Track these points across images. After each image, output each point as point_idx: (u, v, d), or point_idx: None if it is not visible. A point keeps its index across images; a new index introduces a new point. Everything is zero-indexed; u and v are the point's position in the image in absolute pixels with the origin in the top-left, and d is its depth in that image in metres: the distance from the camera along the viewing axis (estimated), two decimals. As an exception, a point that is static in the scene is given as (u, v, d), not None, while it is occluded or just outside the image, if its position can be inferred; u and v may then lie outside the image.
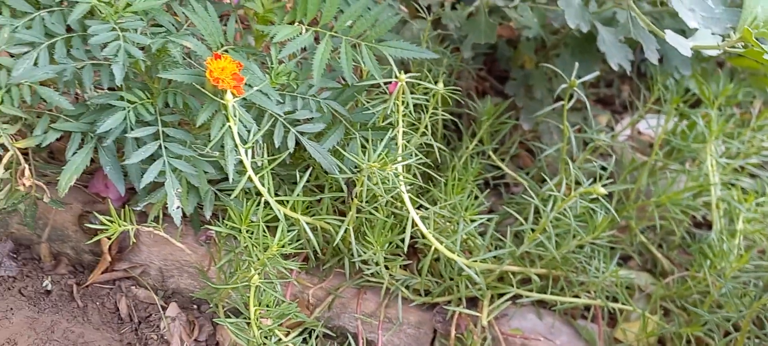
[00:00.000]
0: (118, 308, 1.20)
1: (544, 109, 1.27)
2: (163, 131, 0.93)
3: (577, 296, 1.16)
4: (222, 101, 0.88)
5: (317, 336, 1.11)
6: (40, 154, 1.14)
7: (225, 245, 1.06)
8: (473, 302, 1.17)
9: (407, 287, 1.15)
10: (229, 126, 0.89)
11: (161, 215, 1.03)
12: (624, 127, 1.51)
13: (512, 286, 1.12)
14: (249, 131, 0.92)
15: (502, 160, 1.32)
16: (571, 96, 1.11)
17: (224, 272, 1.05)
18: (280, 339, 1.00)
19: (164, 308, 1.19)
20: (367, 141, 1.05)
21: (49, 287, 1.20)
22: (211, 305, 1.18)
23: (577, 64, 1.18)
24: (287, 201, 0.99)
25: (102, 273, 1.21)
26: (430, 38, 1.27)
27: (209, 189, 1.04)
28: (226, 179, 1.06)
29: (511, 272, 1.14)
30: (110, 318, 1.20)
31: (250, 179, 0.93)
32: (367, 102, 1.07)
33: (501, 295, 1.13)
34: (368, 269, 1.08)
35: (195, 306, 1.23)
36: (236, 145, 0.90)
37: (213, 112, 0.90)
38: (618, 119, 1.81)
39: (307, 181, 1.15)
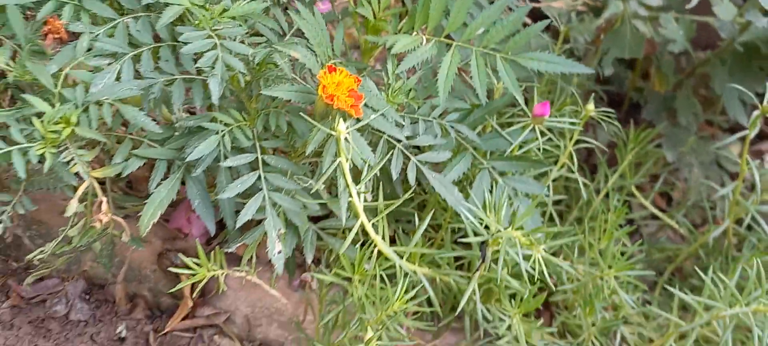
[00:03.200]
0: (199, 361, 1.05)
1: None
2: (262, 159, 0.77)
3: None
4: (333, 132, 0.71)
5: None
6: (118, 185, 1.01)
7: (328, 295, 0.89)
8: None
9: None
10: (341, 162, 0.72)
11: (255, 257, 0.87)
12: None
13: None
14: (364, 161, 0.75)
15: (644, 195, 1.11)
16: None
17: (328, 327, 0.88)
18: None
19: (251, 363, 1.03)
20: (497, 172, 0.86)
21: (124, 334, 1.06)
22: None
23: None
24: (404, 247, 0.81)
25: (182, 320, 1.06)
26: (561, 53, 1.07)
27: (310, 227, 0.87)
28: (328, 216, 0.90)
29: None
30: (191, 373, 1.05)
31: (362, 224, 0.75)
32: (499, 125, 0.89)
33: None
34: (496, 330, 0.89)
35: (285, 361, 1.07)
36: (348, 185, 0.73)
37: (323, 140, 0.73)
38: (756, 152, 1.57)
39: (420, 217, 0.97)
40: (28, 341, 1.04)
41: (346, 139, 0.71)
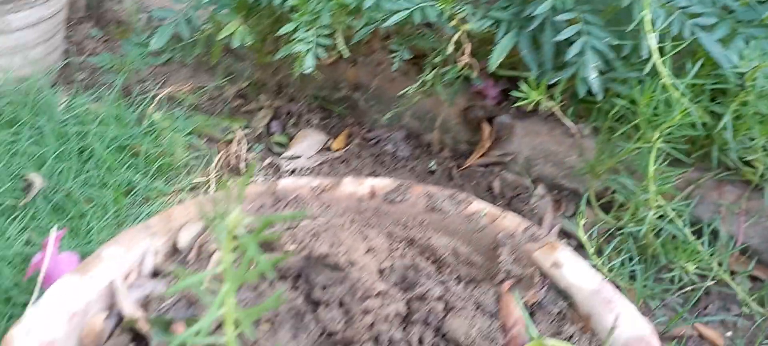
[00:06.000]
0: (491, 187, 1.43)
1: None
2: (582, 17, 1.12)
3: None
4: (640, -7, 1.04)
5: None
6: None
7: (604, 133, 1.23)
8: None
9: None
10: (644, 14, 1.05)
11: (559, 97, 1.22)
12: None
13: None
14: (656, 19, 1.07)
15: None
16: None
17: (610, 142, 1.21)
18: (661, 205, 1.14)
19: (533, 188, 1.40)
20: (750, 36, 1.15)
21: (434, 168, 1.47)
22: (578, 190, 1.35)
23: None
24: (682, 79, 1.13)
25: (478, 158, 1.45)
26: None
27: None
28: (611, 70, 1.23)
29: None
30: (484, 195, 1.43)
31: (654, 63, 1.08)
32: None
33: None
34: (744, 157, 1.18)
35: (556, 190, 1.42)
36: (647, 31, 1.06)
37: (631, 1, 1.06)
38: None
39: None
40: (370, 167, 1.47)
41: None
